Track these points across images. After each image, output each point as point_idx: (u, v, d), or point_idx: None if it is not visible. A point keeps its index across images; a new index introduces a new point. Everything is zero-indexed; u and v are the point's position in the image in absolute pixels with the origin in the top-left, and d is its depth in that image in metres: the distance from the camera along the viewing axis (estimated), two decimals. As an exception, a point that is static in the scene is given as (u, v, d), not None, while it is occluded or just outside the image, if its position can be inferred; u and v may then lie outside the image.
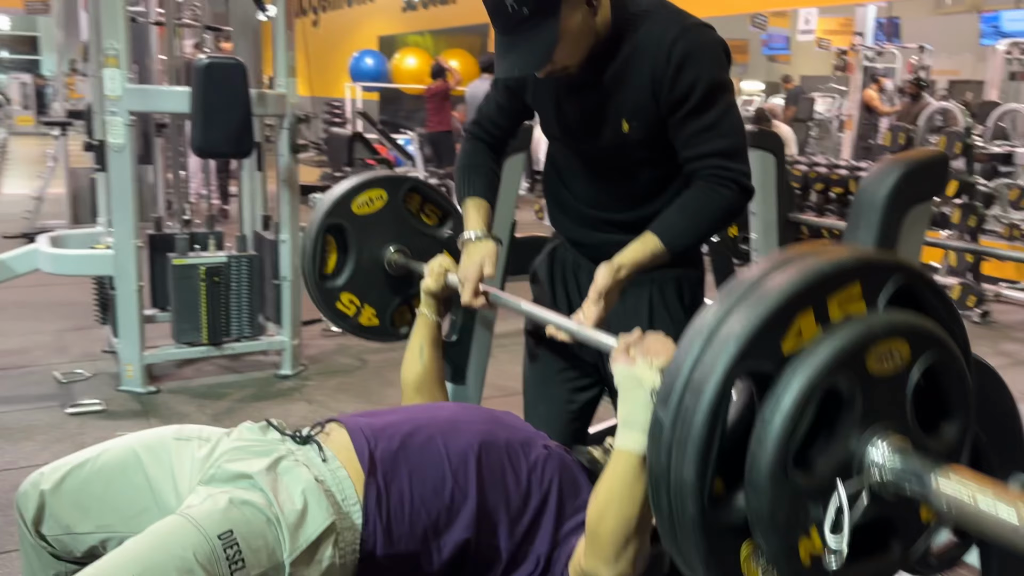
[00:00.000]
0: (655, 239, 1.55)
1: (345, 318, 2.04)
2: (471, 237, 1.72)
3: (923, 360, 0.88)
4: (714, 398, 0.82)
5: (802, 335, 0.84)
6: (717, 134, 1.53)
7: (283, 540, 1.23)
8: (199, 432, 1.45)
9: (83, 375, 3.73)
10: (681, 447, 0.84)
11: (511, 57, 1.47)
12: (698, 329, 0.86)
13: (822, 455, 0.86)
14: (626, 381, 1.22)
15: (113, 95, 3.30)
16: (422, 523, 1.34)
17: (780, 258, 0.88)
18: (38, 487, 1.38)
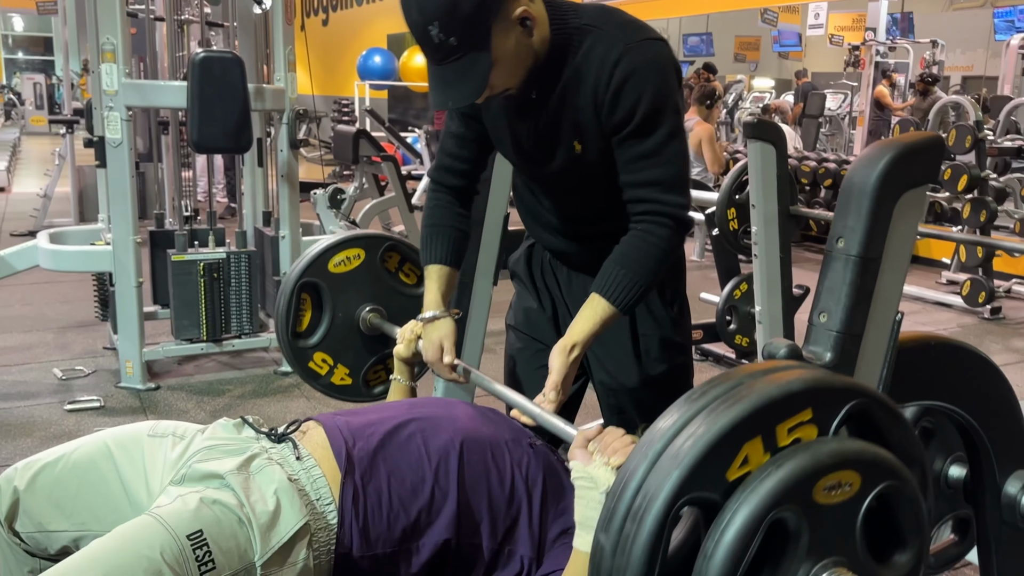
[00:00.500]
0: (603, 303, 1.49)
1: (317, 377, 2.00)
2: (428, 317, 1.67)
3: (875, 490, 0.85)
4: (655, 527, 0.78)
5: (749, 462, 0.81)
6: (656, 162, 1.46)
7: (255, 541, 1.20)
8: (174, 429, 1.42)
9: (83, 372, 3.71)
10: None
11: (444, 90, 1.39)
12: (644, 449, 0.82)
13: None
14: (581, 480, 1.18)
15: (110, 90, 3.29)
16: (400, 523, 1.31)
17: (733, 377, 0.85)
18: (11, 483, 1.36)
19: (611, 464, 1.15)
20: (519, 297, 1.86)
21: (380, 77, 12.37)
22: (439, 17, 1.31)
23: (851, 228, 1.10)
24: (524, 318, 1.83)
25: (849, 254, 1.10)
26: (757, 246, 2.55)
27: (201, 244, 3.75)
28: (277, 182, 3.77)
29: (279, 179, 3.75)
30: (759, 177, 2.48)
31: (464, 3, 1.30)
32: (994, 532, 1.39)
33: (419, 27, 1.34)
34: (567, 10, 1.47)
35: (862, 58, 10.32)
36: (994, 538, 1.39)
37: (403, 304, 2.04)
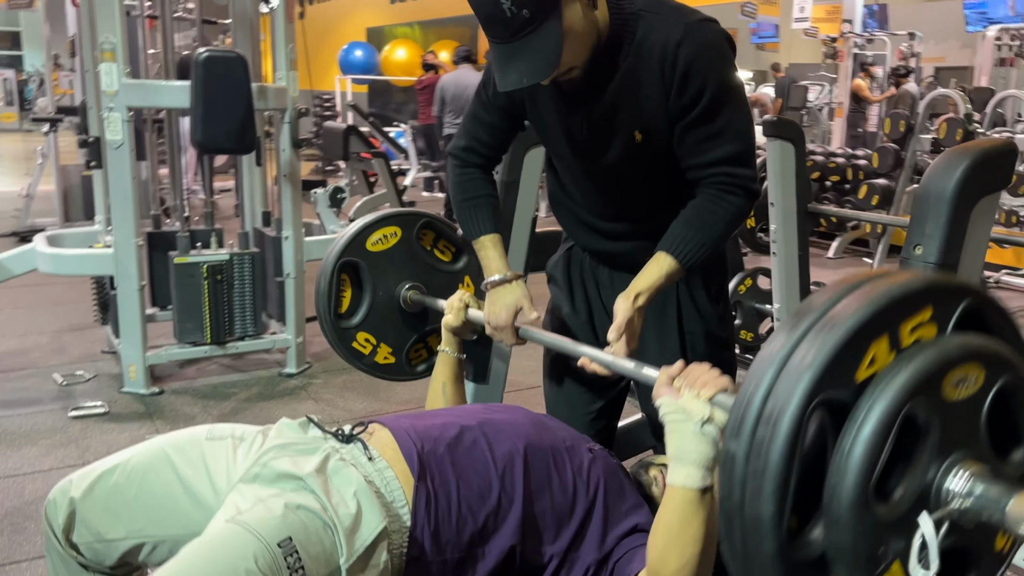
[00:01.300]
0: (668, 258, 1.50)
1: (361, 357, 2.00)
2: (498, 279, 1.66)
3: (997, 384, 0.86)
4: (791, 429, 0.79)
5: (876, 362, 0.82)
6: (724, 140, 1.47)
7: (340, 545, 1.19)
8: (232, 431, 1.41)
9: (84, 377, 3.66)
10: (756, 480, 0.81)
11: (516, 66, 1.36)
12: (768, 359, 0.83)
13: (900, 486, 0.83)
14: (673, 414, 1.18)
15: (110, 90, 3.23)
16: (469, 528, 1.30)
17: (846, 284, 0.86)
18: (67, 494, 1.35)
19: (702, 396, 1.15)
20: (555, 302, 1.85)
21: (362, 71, 12.28)
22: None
23: (929, 236, 1.11)
24: (560, 324, 1.82)
25: (927, 261, 1.11)
26: (775, 244, 2.56)
27: (202, 245, 3.70)
28: (279, 182, 3.73)
29: (281, 179, 3.70)
30: (778, 175, 2.49)
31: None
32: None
33: (490, 2, 1.32)
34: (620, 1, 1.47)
35: (840, 50, 10.40)
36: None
37: (440, 280, 2.05)
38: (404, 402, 3.50)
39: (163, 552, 1.34)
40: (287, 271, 3.72)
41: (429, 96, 9.17)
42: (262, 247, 3.84)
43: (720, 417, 1.14)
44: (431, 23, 13.25)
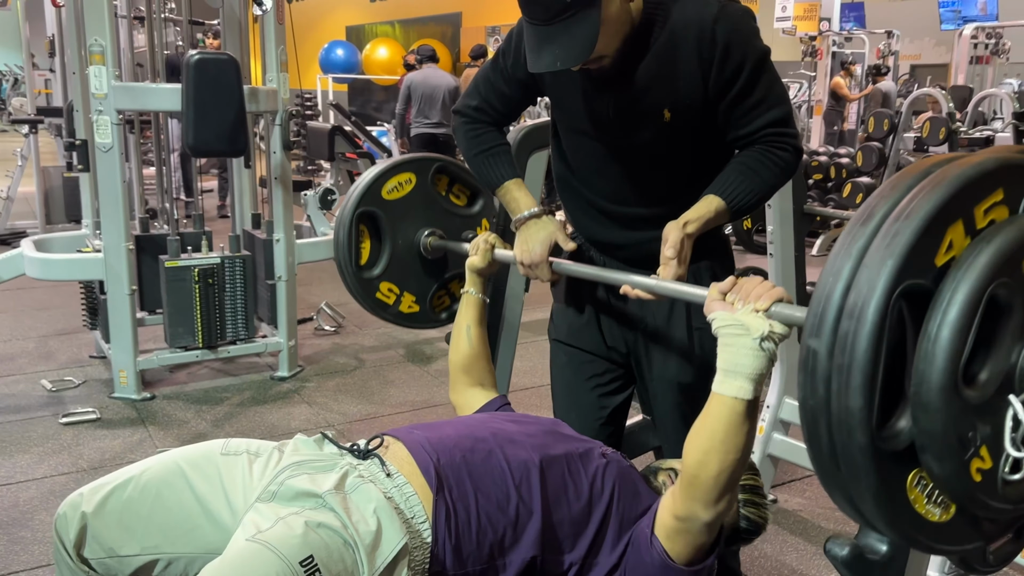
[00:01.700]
0: (717, 199, 1.51)
1: (386, 307, 2.00)
2: (528, 215, 1.66)
3: None
4: (878, 319, 0.79)
5: (954, 247, 0.82)
6: (768, 107, 1.50)
7: (361, 563, 1.18)
8: (247, 446, 1.39)
9: (73, 383, 3.62)
10: (843, 375, 0.81)
11: (552, 49, 1.38)
12: (844, 253, 0.82)
13: (985, 369, 0.83)
14: (730, 327, 1.18)
15: (99, 93, 3.19)
16: (488, 540, 1.30)
17: (914, 173, 0.85)
18: (79, 509, 1.32)
19: (758, 308, 1.16)
20: (560, 307, 1.84)
21: (343, 70, 12.21)
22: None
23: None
24: (566, 328, 1.81)
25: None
26: (772, 245, 2.57)
27: (193, 248, 3.67)
28: (270, 184, 3.70)
29: (272, 181, 3.68)
30: (775, 177, 2.50)
31: None
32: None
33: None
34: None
35: (819, 48, 10.48)
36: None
37: (458, 225, 2.05)
38: (398, 405, 3.49)
39: (178, 569, 1.32)
40: (279, 274, 3.69)
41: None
42: (252, 250, 3.81)
43: (780, 330, 1.15)
44: (411, 22, 13.21)
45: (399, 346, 4.29)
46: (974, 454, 0.84)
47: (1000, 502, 0.89)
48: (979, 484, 0.86)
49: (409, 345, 4.31)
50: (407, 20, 13.36)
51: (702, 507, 1.23)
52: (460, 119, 1.75)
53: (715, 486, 1.20)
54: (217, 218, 7.50)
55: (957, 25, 10.51)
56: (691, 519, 1.24)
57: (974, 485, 0.86)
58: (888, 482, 0.86)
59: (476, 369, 1.75)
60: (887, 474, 0.85)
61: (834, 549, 1.10)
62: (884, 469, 0.85)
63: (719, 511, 1.23)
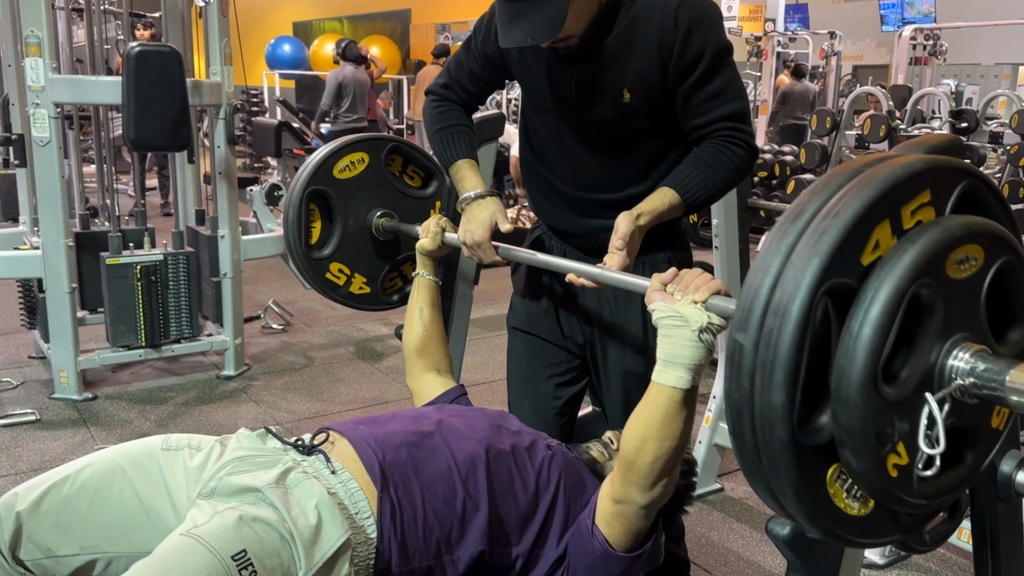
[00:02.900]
0: (672, 192, 1.52)
1: (336, 288, 1.97)
2: (473, 196, 1.66)
3: (996, 264, 0.87)
4: (801, 317, 0.80)
5: (880, 246, 0.83)
6: (726, 99, 1.52)
7: (298, 558, 1.17)
8: (188, 441, 1.37)
9: (11, 384, 3.52)
10: (767, 370, 0.81)
11: (521, 25, 1.41)
12: (772, 250, 0.83)
13: (906, 367, 0.84)
14: (668, 319, 1.19)
15: (36, 85, 3.11)
16: (435, 537, 1.29)
17: (844, 172, 0.86)
18: (13, 509, 1.28)
19: (697, 299, 1.17)
20: (519, 296, 1.85)
21: (290, 66, 12.05)
22: None
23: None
24: (525, 316, 1.82)
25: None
26: (717, 237, 2.61)
27: (135, 245, 3.59)
28: (215, 180, 3.64)
29: (216, 176, 3.62)
30: (719, 171, 2.53)
31: None
32: (990, 509, 1.47)
33: None
34: None
35: (764, 48, 10.67)
36: (989, 514, 1.48)
37: (412, 206, 2.03)
38: (348, 402, 3.47)
39: (119, 568, 1.28)
40: (224, 271, 3.63)
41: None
42: (197, 247, 3.75)
43: (718, 321, 1.16)
44: (360, 18, 13.11)
45: (349, 343, 4.25)
46: (891, 450, 0.85)
47: (915, 497, 0.90)
48: (895, 480, 0.87)
49: (359, 343, 4.27)
50: (355, 16, 13.24)
51: (638, 491, 1.25)
52: (428, 98, 1.77)
53: (651, 472, 1.22)
54: (160, 216, 7.36)
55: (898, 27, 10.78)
56: (628, 503, 1.26)
57: (890, 480, 0.87)
58: (808, 476, 0.87)
59: (430, 352, 1.75)
60: (808, 468, 0.86)
61: (775, 529, 1.11)
62: (805, 463, 0.86)
63: (655, 496, 1.25)
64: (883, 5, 12.31)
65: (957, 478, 0.95)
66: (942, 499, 0.97)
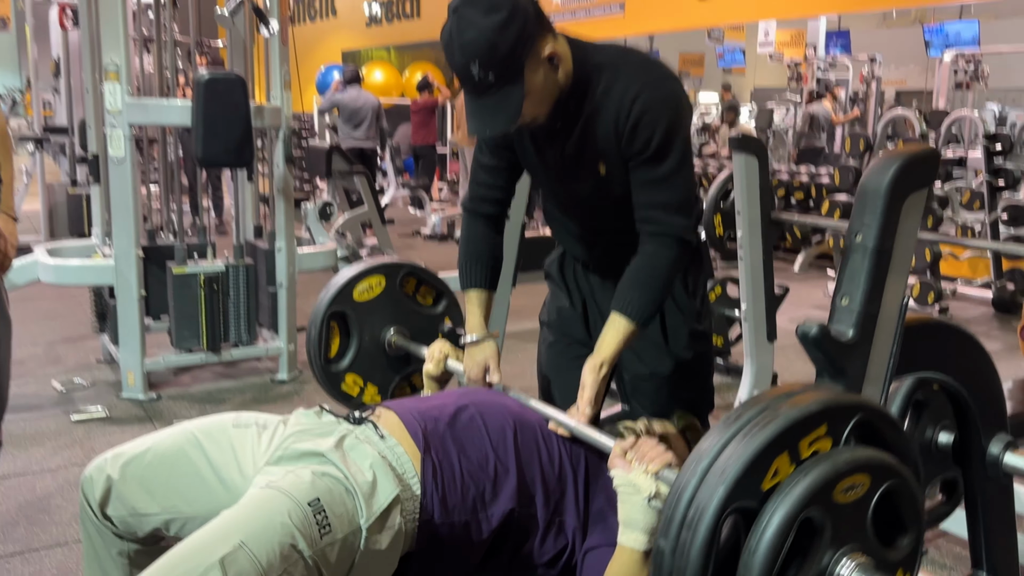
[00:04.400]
0: (624, 321, 1.67)
1: (349, 398, 2.15)
2: (472, 340, 1.84)
3: (882, 488, 1.04)
4: (708, 534, 0.96)
5: (779, 474, 0.99)
6: (665, 187, 1.65)
7: (360, 508, 1.35)
8: (255, 419, 1.56)
9: (82, 384, 3.79)
10: (680, 574, 0.98)
11: (483, 117, 1.56)
12: (691, 470, 1.00)
13: (798, 573, 1.00)
14: (624, 487, 1.38)
15: (114, 109, 3.39)
16: (471, 494, 1.47)
17: (761, 401, 1.03)
18: (104, 472, 1.46)
19: (649, 471, 1.35)
20: (553, 297, 2.05)
21: (339, 93, 12.41)
22: (479, 56, 1.49)
23: (867, 224, 1.31)
24: (557, 316, 2.02)
25: (866, 247, 1.31)
26: (742, 249, 2.77)
27: (199, 256, 3.85)
28: (273, 196, 3.90)
29: (275, 193, 3.88)
30: (743, 186, 2.71)
31: (502, 44, 1.49)
32: (980, 488, 1.61)
33: (461, 65, 1.52)
34: (588, 49, 1.67)
35: (804, 74, 10.77)
36: (980, 493, 1.62)
37: (423, 324, 2.21)
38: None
39: (191, 528, 1.43)
40: (280, 281, 3.88)
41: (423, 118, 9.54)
42: (255, 259, 4.00)
43: (664, 491, 1.33)
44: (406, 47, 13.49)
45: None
46: None
47: None
48: None
49: (403, 352, 4.48)
50: (402, 45, 13.63)
51: None
52: (463, 214, 1.93)
53: None
54: (215, 234, 7.69)
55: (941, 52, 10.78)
56: None
57: None
58: None
59: None
60: None
61: (805, 330, 1.23)
62: None
63: None
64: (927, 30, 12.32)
65: None
66: None
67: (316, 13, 15.51)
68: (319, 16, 15.45)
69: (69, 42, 6.34)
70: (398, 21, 13.29)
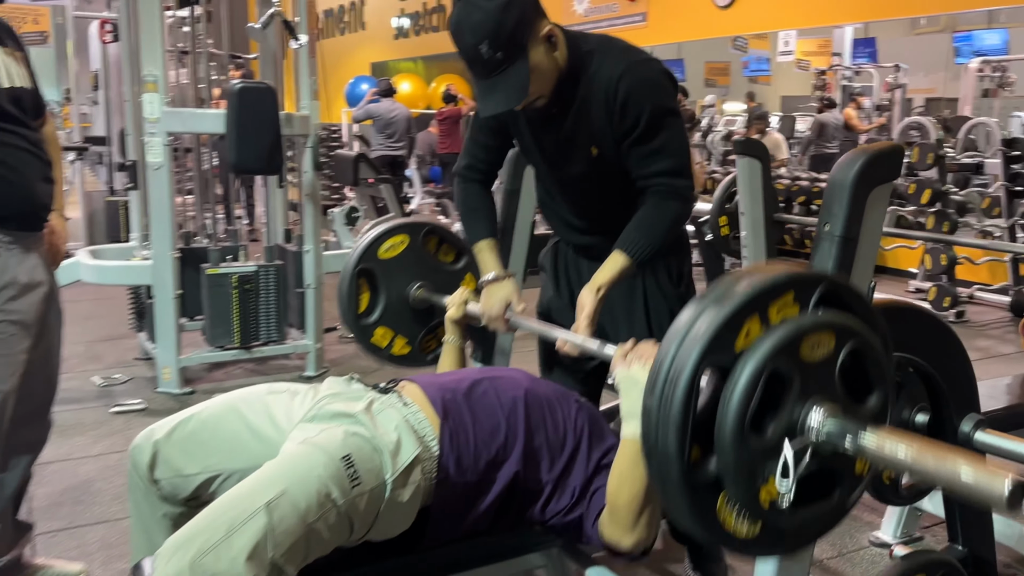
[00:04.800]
0: (622, 256, 1.83)
1: (379, 350, 2.31)
2: (490, 279, 2.00)
3: (846, 347, 1.14)
4: (686, 387, 1.07)
5: (750, 335, 1.10)
6: (662, 156, 1.80)
7: (386, 464, 1.50)
8: (288, 387, 1.72)
9: (120, 379, 3.99)
10: (664, 426, 1.09)
11: (494, 96, 1.72)
12: (673, 334, 1.12)
13: (772, 422, 1.11)
14: (625, 382, 1.52)
15: (152, 118, 3.59)
16: (484, 458, 1.62)
17: (733, 276, 1.15)
18: (151, 439, 1.63)
19: (647, 366, 1.44)
20: (544, 288, 2.20)
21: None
22: (488, 35, 1.66)
23: (835, 214, 1.44)
24: (548, 306, 2.18)
25: (834, 235, 1.44)
26: (746, 248, 2.90)
27: (232, 258, 4.04)
28: (302, 201, 4.08)
29: (304, 198, 4.06)
30: (747, 188, 2.83)
31: (507, 22, 1.66)
32: (953, 464, 1.72)
33: (471, 47, 1.68)
34: (578, 38, 1.84)
35: (829, 82, 10.82)
36: (953, 469, 1.73)
37: (445, 279, 2.35)
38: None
39: (232, 483, 1.59)
40: (308, 282, 4.05)
41: (448, 127, 9.77)
42: (284, 261, 4.18)
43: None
44: (433, 58, 13.71)
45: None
46: (762, 483, 1.11)
47: (789, 522, 1.16)
48: (769, 507, 1.13)
49: (426, 352, 4.65)
50: (429, 57, 13.86)
51: (623, 533, 1.54)
52: (456, 180, 2.12)
53: (628, 514, 1.52)
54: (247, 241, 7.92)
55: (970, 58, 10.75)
56: (616, 546, 1.56)
57: (763, 509, 1.13)
58: (700, 504, 1.13)
59: None
60: (699, 498, 1.13)
61: None
62: (696, 494, 1.12)
63: (638, 538, 1.53)
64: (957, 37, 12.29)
65: (827, 509, 1.20)
66: (816, 526, 1.22)
67: (346, 27, 15.80)
68: (348, 29, 15.74)
69: (108, 55, 6.61)
70: (425, 34, 13.54)
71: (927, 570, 1.56)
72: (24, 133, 1.92)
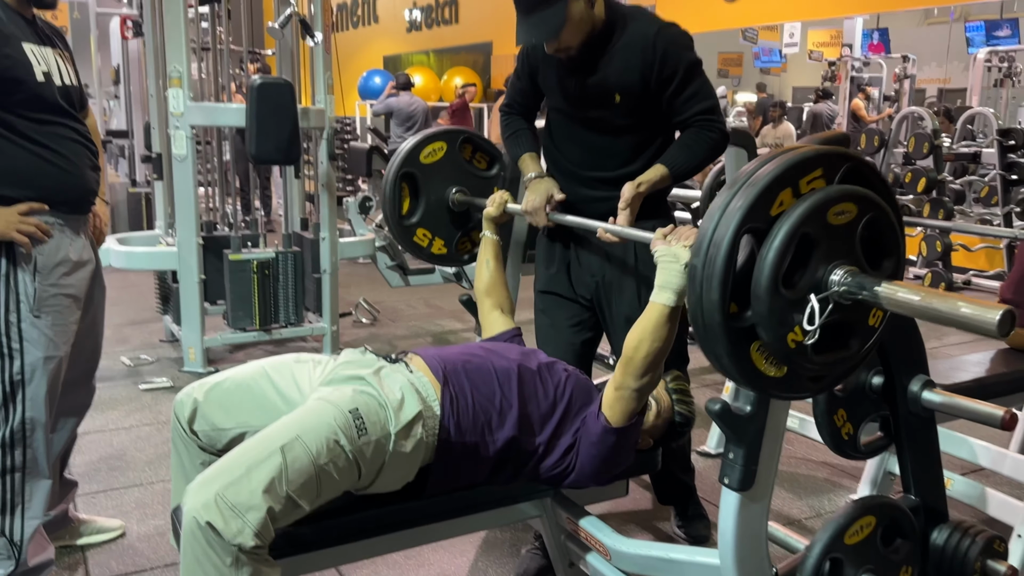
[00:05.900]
0: (662, 167, 2.12)
1: (420, 249, 2.55)
2: (534, 176, 2.27)
3: (866, 216, 1.31)
4: (729, 247, 1.26)
5: (784, 204, 1.28)
6: (700, 99, 2.12)
7: (391, 418, 1.70)
8: (311, 357, 1.92)
9: (147, 360, 4.22)
10: (709, 280, 1.28)
11: (529, 30, 2.03)
12: (716, 207, 1.31)
13: (801, 279, 1.29)
14: (666, 256, 1.71)
15: (177, 111, 3.81)
16: (481, 421, 1.81)
17: (767, 155, 1.33)
18: (192, 396, 1.84)
19: (685, 244, 1.68)
20: (540, 265, 2.39)
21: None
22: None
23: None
24: (545, 279, 2.38)
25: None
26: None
27: (252, 245, 4.25)
28: (317, 190, 4.29)
29: (319, 188, 4.27)
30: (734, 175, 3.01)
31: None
32: (904, 421, 1.90)
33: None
34: (615, 5, 2.14)
35: (838, 73, 10.92)
36: (905, 426, 1.91)
37: (480, 185, 2.59)
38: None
39: None
40: (324, 268, 4.27)
41: (458, 119, 9.98)
42: (301, 248, 4.40)
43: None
44: (445, 51, 13.89)
45: (427, 335, 4.85)
46: (789, 330, 1.30)
47: (809, 363, 1.35)
48: (794, 350, 1.32)
49: (437, 334, 4.86)
50: (441, 49, 14.05)
51: (633, 379, 1.75)
52: (500, 114, 2.42)
53: (643, 364, 1.73)
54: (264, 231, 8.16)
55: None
56: (625, 388, 1.76)
57: (790, 350, 1.32)
58: (737, 348, 1.32)
59: (495, 294, 2.29)
60: (737, 342, 1.32)
61: (710, 406, 1.58)
62: (734, 339, 1.31)
63: (644, 383, 1.75)
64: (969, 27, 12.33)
65: (844, 356, 1.39)
66: (835, 369, 1.41)
67: (359, 20, 16.00)
68: (361, 23, 15.93)
69: (128, 51, 6.84)
70: (437, 27, 13.72)
71: (877, 512, 1.72)
72: (75, 126, 2.13)
